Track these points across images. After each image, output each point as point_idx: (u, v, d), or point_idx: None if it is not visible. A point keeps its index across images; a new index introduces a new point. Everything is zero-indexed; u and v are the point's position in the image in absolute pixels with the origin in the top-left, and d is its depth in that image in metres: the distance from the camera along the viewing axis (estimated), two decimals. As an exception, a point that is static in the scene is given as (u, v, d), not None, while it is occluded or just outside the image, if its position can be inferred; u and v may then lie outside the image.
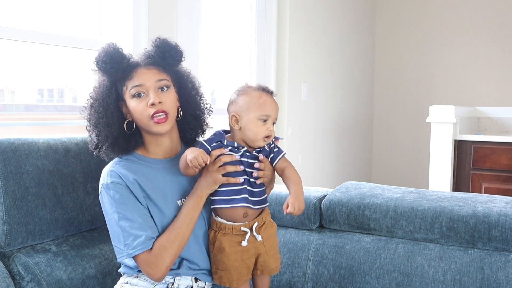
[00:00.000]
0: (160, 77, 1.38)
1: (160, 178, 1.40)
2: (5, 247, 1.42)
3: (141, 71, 1.37)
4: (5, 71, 2.03)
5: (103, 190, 1.36)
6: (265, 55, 3.24)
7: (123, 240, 1.31)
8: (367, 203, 1.72)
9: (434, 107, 3.28)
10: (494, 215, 1.56)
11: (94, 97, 1.41)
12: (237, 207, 1.36)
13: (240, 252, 1.38)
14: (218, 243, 1.38)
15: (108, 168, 1.39)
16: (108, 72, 1.37)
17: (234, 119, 1.37)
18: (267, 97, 1.38)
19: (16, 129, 2.04)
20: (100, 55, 1.37)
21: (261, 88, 1.40)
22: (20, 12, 1.99)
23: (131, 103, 1.37)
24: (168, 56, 1.40)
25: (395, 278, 1.60)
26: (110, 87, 1.39)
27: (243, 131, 1.36)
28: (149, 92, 1.36)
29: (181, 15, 2.49)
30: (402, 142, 4.59)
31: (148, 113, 1.35)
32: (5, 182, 1.40)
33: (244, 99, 1.37)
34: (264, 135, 1.36)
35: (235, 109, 1.38)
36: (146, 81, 1.36)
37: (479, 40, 4.22)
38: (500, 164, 3.18)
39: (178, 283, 1.39)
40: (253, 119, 1.35)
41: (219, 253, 1.39)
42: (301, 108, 3.49)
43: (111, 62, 1.35)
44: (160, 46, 1.40)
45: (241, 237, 1.37)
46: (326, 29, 3.80)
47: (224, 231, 1.38)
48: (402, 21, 4.54)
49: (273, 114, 1.37)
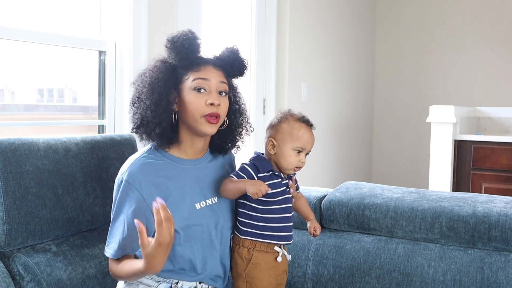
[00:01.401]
0: (224, 79, 1.39)
1: (182, 179, 1.38)
2: (5, 247, 1.42)
3: (209, 68, 1.37)
4: (5, 71, 2.03)
5: (117, 181, 1.36)
6: (265, 55, 3.24)
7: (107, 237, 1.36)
8: (367, 203, 1.72)
9: (434, 107, 3.28)
10: (494, 215, 1.56)
11: (153, 76, 1.37)
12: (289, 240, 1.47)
13: (274, 268, 1.44)
14: (255, 259, 1.42)
15: (132, 160, 1.36)
16: (180, 56, 1.35)
17: (270, 144, 1.43)
18: (306, 130, 1.44)
19: (16, 129, 2.04)
20: (181, 37, 1.34)
21: (302, 119, 1.45)
22: (20, 12, 1.99)
23: (189, 95, 1.35)
24: (236, 65, 1.42)
25: (395, 278, 1.60)
26: (173, 71, 1.37)
27: (277, 156, 1.43)
28: (211, 91, 1.35)
29: (181, 15, 2.49)
30: (402, 142, 4.59)
31: (204, 111, 1.34)
32: (5, 182, 1.40)
33: (284, 127, 1.43)
34: (295, 166, 1.43)
35: (274, 134, 1.44)
36: (212, 78, 1.36)
37: (479, 40, 4.22)
38: (500, 164, 3.18)
39: (182, 284, 1.39)
40: (288, 149, 1.41)
41: (254, 270, 1.42)
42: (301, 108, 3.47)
43: (188, 48, 1.34)
44: (234, 53, 1.42)
45: (273, 254, 1.44)
46: (326, 29, 3.80)
47: (259, 248, 1.42)
48: (402, 21, 4.54)
49: (308, 147, 1.44)
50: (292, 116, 1.45)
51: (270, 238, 1.42)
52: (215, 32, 2.91)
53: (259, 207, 1.41)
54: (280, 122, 1.44)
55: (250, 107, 3.16)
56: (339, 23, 3.98)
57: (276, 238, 1.43)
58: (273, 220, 1.42)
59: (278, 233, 1.43)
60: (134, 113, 1.39)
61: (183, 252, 1.36)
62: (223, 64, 1.41)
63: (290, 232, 1.46)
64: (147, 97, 1.35)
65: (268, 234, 1.42)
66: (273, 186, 1.40)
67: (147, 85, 1.36)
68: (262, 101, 3.23)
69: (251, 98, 3.16)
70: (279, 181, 1.43)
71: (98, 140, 1.68)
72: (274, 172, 1.43)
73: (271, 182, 1.41)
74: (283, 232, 1.44)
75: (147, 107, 1.35)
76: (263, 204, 1.41)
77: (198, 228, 1.38)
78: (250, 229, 1.42)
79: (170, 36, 1.36)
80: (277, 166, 1.44)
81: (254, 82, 3.17)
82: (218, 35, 2.95)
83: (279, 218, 1.42)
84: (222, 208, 1.44)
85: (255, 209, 1.42)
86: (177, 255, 1.36)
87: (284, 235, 1.44)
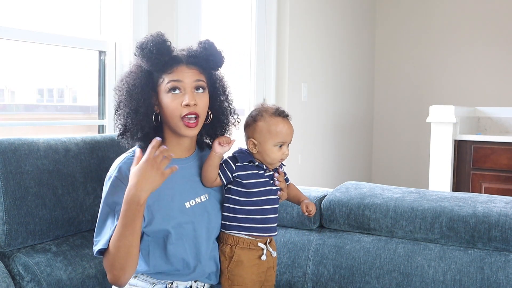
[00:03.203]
0: (199, 77, 1.38)
1: (171, 178, 1.37)
2: (5, 247, 1.41)
3: (182, 68, 1.36)
4: (5, 71, 2.03)
5: (107, 178, 1.36)
6: (265, 55, 3.24)
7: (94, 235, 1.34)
8: (367, 203, 1.72)
9: (434, 107, 3.28)
10: (494, 215, 1.56)
11: (130, 83, 1.37)
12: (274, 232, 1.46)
13: (257, 265, 1.43)
14: (237, 257, 1.41)
15: (121, 159, 1.37)
16: (150, 61, 1.34)
17: (251, 144, 1.43)
18: (283, 124, 1.42)
19: (16, 129, 2.04)
20: (148, 43, 1.34)
21: (276, 112, 1.43)
22: (20, 12, 1.99)
23: (165, 98, 1.35)
24: (212, 59, 1.40)
25: (395, 278, 1.60)
26: (148, 75, 1.37)
27: (260, 154, 1.43)
28: (186, 91, 1.35)
29: (181, 15, 2.49)
30: (402, 142, 4.59)
31: (180, 112, 1.34)
32: (5, 182, 1.40)
33: (261, 125, 1.42)
34: (280, 159, 1.43)
35: (252, 134, 1.43)
36: (185, 78, 1.35)
37: (479, 40, 4.22)
38: (500, 164, 3.18)
39: (177, 284, 1.39)
40: (269, 146, 1.41)
41: (236, 267, 1.41)
42: (301, 108, 3.49)
43: (157, 53, 1.33)
44: (207, 49, 1.40)
45: (257, 251, 1.43)
46: (326, 29, 3.80)
47: (242, 245, 1.42)
48: (402, 21, 4.55)
49: (288, 140, 1.43)
50: (267, 112, 1.43)
51: (253, 231, 1.41)
52: (215, 32, 2.91)
53: (241, 199, 1.41)
54: (256, 121, 1.43)
55: (250, 107, 3.16)
56: (339, 23, 3.98)
57: (259, 230, 1.42)
58: (255, 212, 1.41)
59: (261, 225, 1.42)
60: (117, 120, 1.41)
61: (176, 251, 1.36)
62: (197, 60, 1.38)
63: (273, 223, 1.45)
64: (126, 105, 1.36)
65: (251, 226, 1.41)
66: (253, 176, 1.41)
67: (125, 92, 1.37)
68: (262, 101, 3.23)
69: (251, 98, 3.16)
70: (261, 172, 1.43)
71: (98, 140, 1.68)
72: (254, 162, 1.42)
73: (252, 172, 1.41)
74: (266, 224, 1.43)
75: (127, 114, 1.36)
76: (245, 195, 1.41)
77: (189, 227, 1.38)
78: (234, 222, 1.42)
79: (138, 43, 1.36)
80: (261, 162, 1.44)
81: (254, 82, 3.17)
82: (218, 35, 2.95)
83: (261, 210, 1.42)
84: (213, 205, 1.44)
85: (238, 201, 1.42)
86: (170, 255, 1.36)
87: (267, 227, 1.43)
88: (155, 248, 1.36)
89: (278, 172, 1.47)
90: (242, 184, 1.41)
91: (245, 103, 3.13)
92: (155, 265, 1.37)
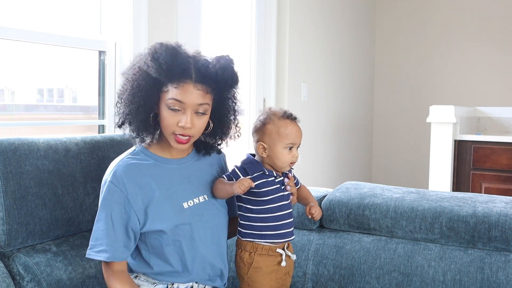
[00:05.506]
0: (203, 100, 1.32)
1: (167, 179, 1.38)
2: (5, 247, 1.41)
3: (188, 87, 1.30)
4: (5, 71, 2.03)
5: (103, 182, 1.36)
6: (265, 55, 3.24)
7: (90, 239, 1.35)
8: (367, 203, 1.72)
9: (434, 107, 3.28)
10: (494, 215, 1.56)
11: (137, 79, 1.33)
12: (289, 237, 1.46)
13: (275, 271, 1.43)
14: (256, 263, 1.41)
15: (116, 162, 1.37)
16: (158, 72, 1.30)
17: (261, 147, 1.43)
18: (292, 126, 1.43)
19: (16, 129, 2.04)
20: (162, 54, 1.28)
21: (285, 115, 1.43)
22: (20, 12, 1.99)
23: (164, 110, 1.32)
24: (222, 84, 1.35)
25: (395, 278, 1.60)
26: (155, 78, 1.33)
27: (270, 158, 1.43)
28: (185, 112, 1.31)
29: (181, 15, 2.49)
30: (402, 142, 4.59)
31: (175, 130, 1.32)
32: (5, 182, 1.40)
33: (270, 128, 1.42)
34: (290, 162, 1.43)
35: (261, 137, 1.43)
36: (187, 100, 1.30)
37: (479, 40, 4.22)
38: (500, 164, 3.18)
39: (178, 285, 1.39)
40: (280, 148, 1.41)
41: (256, 274, 1.42)
42: (301, 108, 3.49)
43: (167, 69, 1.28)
44: (224, 69, 1.33)
45: (276, 257, 1.43)
46: (326, 29, 3.80)
47: (261, 252, 1.42)
48: (402, 21, 4.54)
49: (298, 141, 1.44)
50: (275, 115, 1.43)
51: (270, 238, 1.42)
52: (215, 32, 2.91)
53: (254, 208, 1.41)
54: (264, 124, 1.43)
55: (250, 107, 3.16)
56: (339, 23, 3.98)
57: (275, 237, 1.42)
58: (269, 219, 1.41)
59: (276, 232, 1.42)
60: (119, 108, 1.39)
61: (173, 252, 1.36)
62: (207, 80, 1.32)
63: (289, 228, 1.45)
64: (127, 105, 1.35)
65: (267, 233, 1.41)
66: (264, 185, 1.40)
67: (128, 90, 1.34)
68: (262, 101, 3.23)
69: (251, 98, 3.16)
70: (271, 179, 1.42)
71: (98, 140, 1.68)
72: (265, 172, 1.42)
73: (262, 181, 1.40)
74: (281, 230, 1.43)
75: (126, 114, 1.36)
76: (257, 204, 1.41)
77: (187, 227, 1.37)
78: (249, 230, 1.42)
79: (153, 48, 1.31)
80: (271, 166, 1.44)
81: (254, 82, 3.17)
82: (218, 35, 2.95)
83: (275, 217, 1.42)
84: (214, 205, 1.44)
85: (250, 210, 1.42)
86: (168, 256, 1.36)
87: (283, 233, 1.43)
88: (154, 249, 1.36)
89: (287, 177, 1.47)
90: (254, 193, 1.40)
91: (245, 103, 3.13)
92: (155, 265, 1.37)
